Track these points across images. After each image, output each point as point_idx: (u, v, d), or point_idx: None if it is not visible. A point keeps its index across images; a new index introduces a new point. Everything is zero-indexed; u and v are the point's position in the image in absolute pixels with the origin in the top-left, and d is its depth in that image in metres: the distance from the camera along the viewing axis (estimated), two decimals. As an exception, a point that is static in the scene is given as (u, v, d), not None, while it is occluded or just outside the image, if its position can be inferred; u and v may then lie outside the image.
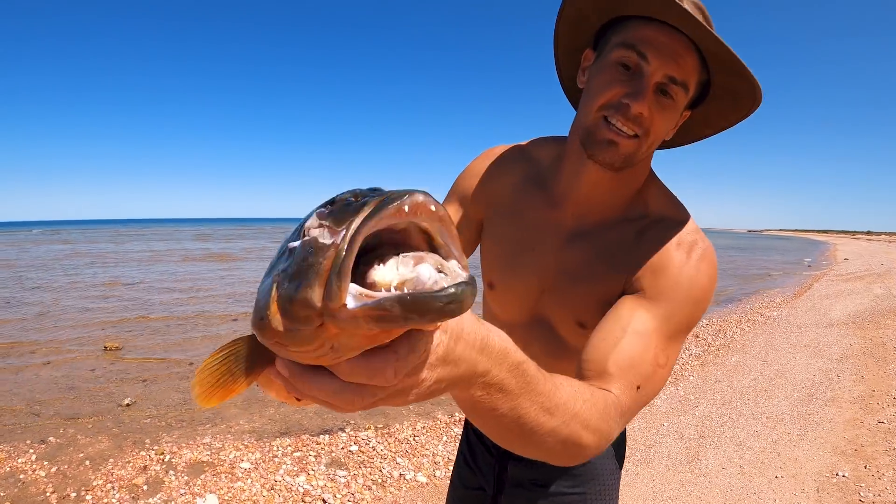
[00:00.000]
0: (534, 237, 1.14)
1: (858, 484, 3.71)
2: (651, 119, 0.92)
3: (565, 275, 1.10)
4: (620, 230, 1.07)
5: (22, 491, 3.58)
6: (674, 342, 0.95)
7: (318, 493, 3.57)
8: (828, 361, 6.97)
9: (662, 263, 0.99)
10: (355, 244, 0.43)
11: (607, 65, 0.93)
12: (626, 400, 0.85)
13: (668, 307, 0.95)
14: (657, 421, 4.96)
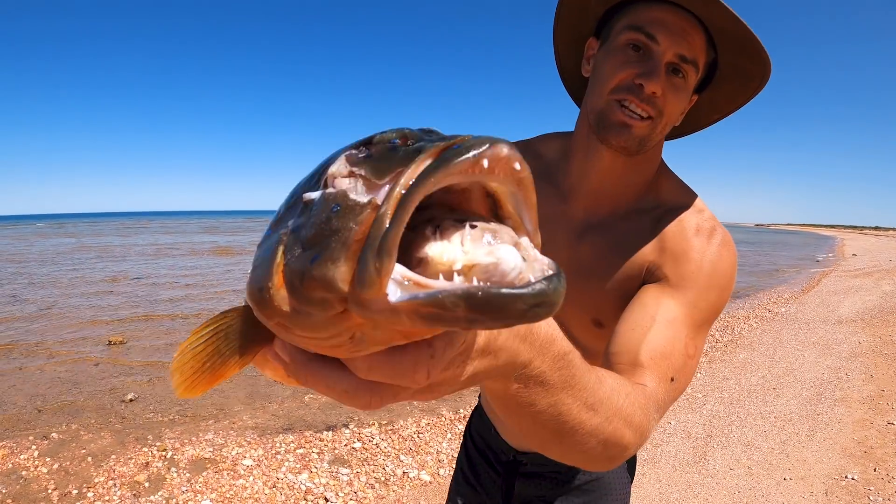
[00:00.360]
0: (547, 234, 1.07)
1: (868, 487, 3.67)
2: (664, 99, 0.90)
3: (579, 271, 1.05)
4: (634, 221, 1.03)
5: (24, 488, 3.57)
6: (702, 330, 0.92)
7: (320, 492, 3.55)
8: (837, 360, 6.91)
9: (683, 250, 0.95)
10: (406, 209, 0.30)
11: (616, 48, 0.91)
12: (661, 393, 0.80)
13: (694, 293, 0.91)
14: (664, 419, 4.89)
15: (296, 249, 0.34)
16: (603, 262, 1.02)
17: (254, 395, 5.45)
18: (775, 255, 29.11)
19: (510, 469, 1.27)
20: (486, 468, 1.33)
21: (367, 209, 0.32)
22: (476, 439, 1.37)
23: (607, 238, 1.03)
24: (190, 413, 4.95)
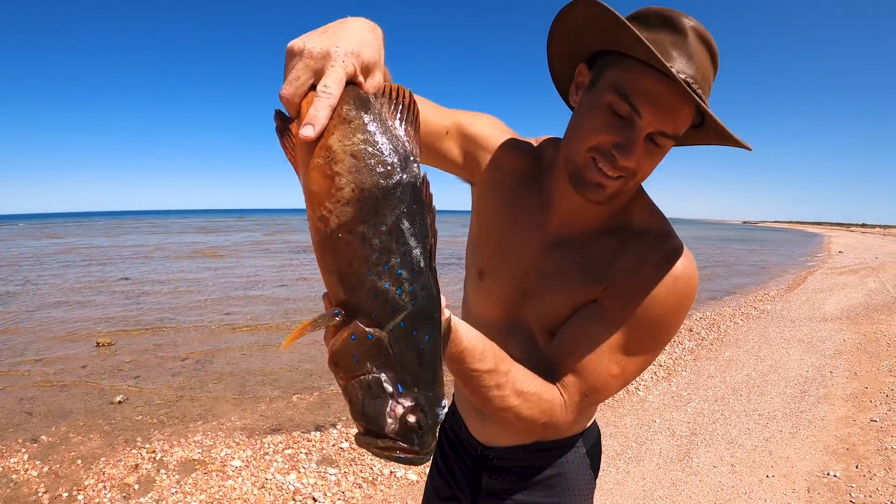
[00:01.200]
0: (522, 236, 1.13)
1: (849, 484, 3.72)
2: (638, 164, 0.91)
3: (543, 281, 1.10)
4: (602, 242, 1.06)
5: (14, 491, 3.59)
6: (634, 357, 0.99)
7: (308, 492, 3.58)
8: (821, 357, 6.99)
9: (637, 281, 0.99)
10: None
11: (599, 106, 0.90)
12: (572, 402, 0.98)
13: (633, 326, 0.97)
14: (649, 417, 4.97)
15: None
16: (565, 278, 1.06)
17: (242, 395, 5.47)
18: (762, 253, 29.33)
19: (478, 463, 1.31)
20: (457, 461, 1.38)
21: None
22: (449, 434, 1.42)
23: (573, 256, 1.07)
24: (178, 414, 4.96)
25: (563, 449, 1.25)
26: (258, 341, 7.87)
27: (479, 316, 1.25)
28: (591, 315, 1.01)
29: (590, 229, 1.08)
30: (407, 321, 0.57)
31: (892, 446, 4.26)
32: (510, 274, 1.15)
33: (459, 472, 1.37)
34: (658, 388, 5.83)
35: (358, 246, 0.56)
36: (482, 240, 1.21)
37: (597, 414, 3.82)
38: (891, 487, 3.65)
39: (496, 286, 1.18)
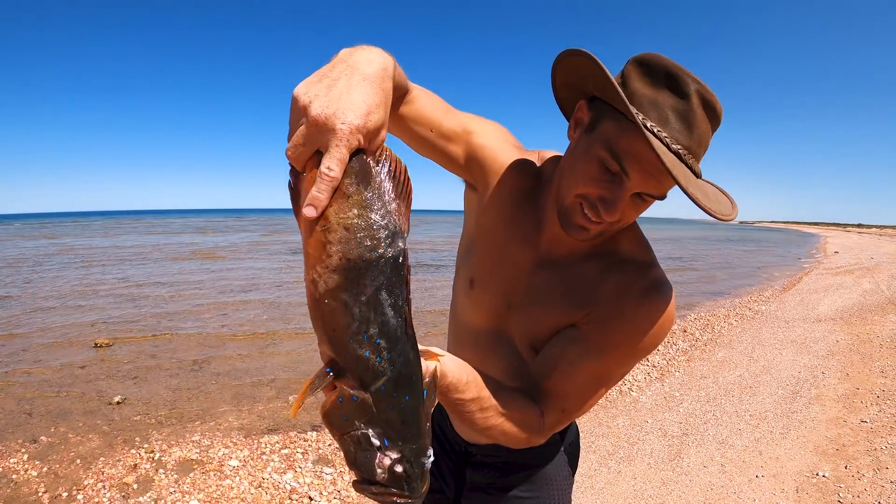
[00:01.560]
0: (515, 252, 1.17)
1: (838, 484, 3.75)
2: (621, 217, 0.95)
3: (530, 298, 1.15)
4: (586, 266, 1.10)
5: (14, 491, 3.63)
6: (609, 379, 1.06)
7: (304, 491, 3.63)
8: (814, 358, 7.01)
9: (616, 309, 1.04)
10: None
11: (592, 157, 0.92)
12: (550, 419, 1.05)
13: (610, 352, 1.03)
14: (641, 417, 5.02)
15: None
16: (550, 298, 1.11)
17: (239, 396, 5.52)
18: (758, 253, 29.34)
19: (462, 458, 1.38)
20: (443, 456, 1.44)
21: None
22: (436, 430, 1.48)
23: (560, 276, 1.11)
24: (176, 415, 5.01)
25: (541, 447, 1.28)
26: (255, 343, 7.91)
27: (466, 322, 1.30)
28: (571, 339, 1.06)
29: (577, 252, 1.12)
30: (387, 385, 0.64)
31: (882, 447, 4.29)
32: (499, 287, 1.19)
33: (445, 466, 1.44)
34: (651, 388, 5.88)
35: (340, 314, 0.63)
36: (479, 249, 1.24)
37: (590, 414, 3.87)
38: (879, 488, 3.68)
39: (486, 297, 1.22)
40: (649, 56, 0.91)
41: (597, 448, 4.37)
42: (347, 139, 0.62)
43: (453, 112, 1.15)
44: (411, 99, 1.04)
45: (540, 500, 1.33)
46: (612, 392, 5.71)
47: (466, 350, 1.30)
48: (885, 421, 4.82)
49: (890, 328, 8.63)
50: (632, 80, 0.90)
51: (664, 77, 0.88)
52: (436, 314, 9.82)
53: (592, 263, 1.10)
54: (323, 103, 0.62)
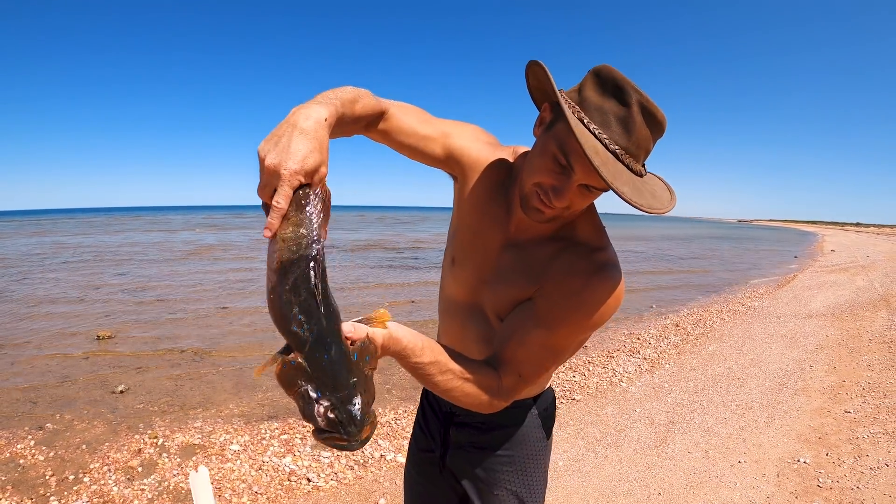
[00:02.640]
0: (488, 235, 1.33)
1: (818, 470, 3.85)
2: (570, 203, 1.10)
3: (498, 276, 1.30)
4: (546, 248, 1.25)
5: (22, 475, 3.73)
6: (559, 348, 1.20)
7: (303, 473, 3.75)
8: (802, 352, 7.12)
9: (564, 286, 1.18)
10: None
11: (548, 151, 1.08)
12: (508, 382, 1.18)
13: (556, 322, 1.17)
14: (630, 407, 5.14)
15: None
16: (514, 276, 1.26)
17: (239, 385, 5.65)
18: (755, 251, 29.45)
19: (447, 418, 1.54)
20: (432, 416, 1.61)
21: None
22: (429, 395, 1.65)
23: (523, 257, 1.26)
24: (178, 403, 5.13)
25: (516, 409, 1.47)
26: (255, 335, 8.04)
27: (449, 295, 1.47)
28: (526, 311, 1.22)
29: (540, 236, 1.27)
30: (310, 348, 0.82)
31: (864, 436, 4.40)
32: (474, 265, 1.35)
33: (434, 426, 1.60)
34: (641, 379, 6.01)
35: (277, 301, 0.84)
36: (459, 232, 1.41)
37: (580, 404, 4.04)
38: (858, 474, 3.79)
39: (463, 273, 1.39)
40: (604, 68, 1.06)
41: (585, 435, 4.49)
42: (289, 180, 0.82)
43: (431, 120, 1.33)
44: (389, 116, 1.23)
45: (514, 457, 1.49)
46: (603, 382, 5.87)
47: (450, 318, 1.48)
48: (869, 411, 4.95)
49: (880, 324, 8.76)
50: (585, 89, 1.05)
51: (612, 88, 1.03)
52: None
53: (551, 245, 1.25)
54: (272, 156, 0.82)
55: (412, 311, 9.90)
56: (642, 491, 3.63)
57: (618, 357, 6.94)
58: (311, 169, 0.84)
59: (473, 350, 1.37)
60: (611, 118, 1.01)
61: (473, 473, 1.52)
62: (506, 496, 1.50)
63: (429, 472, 1.65)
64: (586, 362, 6.63)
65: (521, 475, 1.50)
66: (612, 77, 1.04)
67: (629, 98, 1.01)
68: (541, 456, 1.53)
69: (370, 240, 29.20)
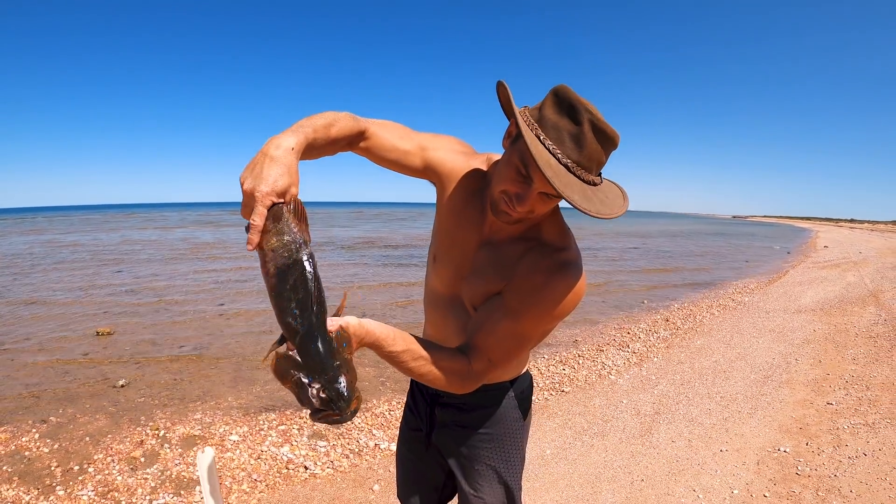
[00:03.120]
0: (464, 234, 1.48)
1: (797, 459, 3.97)
2: (532, 208, 1.24)
3: (473, 270, 1.45)
4: (515, 247, 1.39)
5: (28, 466, 3.82)
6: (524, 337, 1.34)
7: (300, 461, 3.87)
8: (789, 346, 7.23)
9: (528, 281, 1.33)
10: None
11: (512, 163, 1.22)
12: (478, 367, 1.32)
13: (521, 313, 1.31)
14: (617, 398, 5.27)
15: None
16: (487, 270, 1.41)
17: (237, 379, 5.78)
18: (748, 247, 29.54)
19: (433, 399, 1.71)
20: (420, 398, 1.78)
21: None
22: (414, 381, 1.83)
23: (495, 255, 1.41)
24: (178, 396, 5.25)
25: (494, 392, 1.63)
26: (251, 330, 8.17)
27: (433, 288, 1.62)
28: (495, 303, 1.36)
29: (511, 236, 1.41)
30: (301, 340, 0.97)
31: (844, 427, 4.52)
32: (453, 261, 1.50)
33: (421, 405, 1.77)
34: (629, 372, 6.14)
35: (276, 301, 0.98)
36: (440, 233, 1.56)
37: (569, 395, 4.20)
38: (836, 462, 3.91)
39: (444, 269, 1.54)
40: (561, 89, 1.19)
41: (573, 425, 4.62)
42: (262, 200, 0.97)
43: (410, 135, 1.48)
44: (369, 135, 1.38)
45: (493, 435, 1.65)
46: (592, 375, 6.02)
47: (434, 309, 1.64)
48: (850, 403, 5.07)
49: (868, 319, 8.87)
50: (545, 108, 1.19)
51: (567, 107, 1.16)
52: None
53: (519, 244, 1.39)
54: (248, 182, 0.98)
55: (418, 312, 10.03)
56: (626, 477, 3.76)
57: (607, 351, 7.08)
58: (281, 190, 0.99)
59: (454, 337, 1.53)
60: (564, 135, 1.14)
61: (456, 449, 1.69)
62: (485, 470, 1.66)
63: (418, 449, 1.82)
64: (576, 356, 6.77)
65: (499, 451, 1.67)
66: (567, 98, 1.17)
67: (581, 117, 1.14)
68: (518, 434, 1.69)
69: (368, 237, 29.22)
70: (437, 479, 1.83)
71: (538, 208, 1.26)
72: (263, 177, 0.98)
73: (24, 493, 3.46)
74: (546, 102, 1.20)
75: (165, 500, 3.40)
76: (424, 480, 1.85)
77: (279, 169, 0.99)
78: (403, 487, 1.92)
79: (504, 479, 1.67)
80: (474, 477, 1.67)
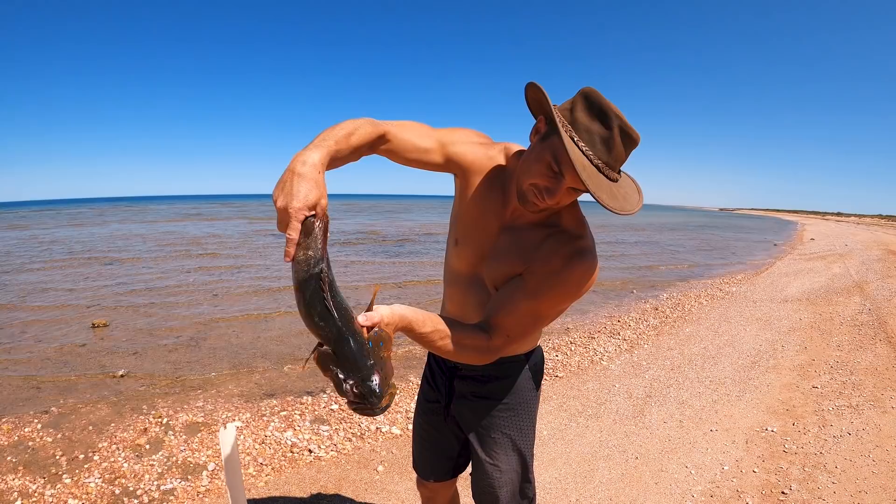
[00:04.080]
0: (486, 220, 1.58)
1: (784, 438, 4.11)
2: (559, 202, 1.36)
3: (495, 254, 1.55)
4: (535, 233, 1.50)
5: (32, 456, 3.85)
6: (542, 315, 1.45)
7: (304, 445, 3.96)
8: (776, 333, 7.39)
9: (547, 264, 1.43)
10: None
11: (544, 159, 1.31)
12: (497, 342, 1.42)
13: (540, 294, 1.42)
14: (610, 382, 5.40)
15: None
16: (509, 254, 1.51)
17: (237, 367, 5.87)
18: (736, 239, 29.74)
19: (451, 372, 1.82)
20: (438, 371, 1.89)
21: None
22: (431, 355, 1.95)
23: (516, 239, 1.52)
24: (178, 385, 5.32)
25: (510, 364, 1.75)
26: (248, 319, 8.25)
27: (453, 268, 1.72)
28: (515, 284, 1.46)
29: (531, 222, 1.52)
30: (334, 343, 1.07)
31: (829, 408, 4.67)
32: (475, 244, 1.60)
33: (440, 379, 1.88)
34: (620, 358, 6.28)
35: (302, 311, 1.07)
36: (461, 218, 1.66)
37: (563, 380, 4.34)
38: (822, 441, 4.05)
39: (466, 251, 1.64)
40: (591, 92, 1.29)
41: (568, 408, 4.75)
42: (296, 215, 1.04)
43: (429, 133, 1.56)
44: (390, 138, 1.44)
45: (509, 404, 1.77)
46: (584, 361, 6.15)
47: (454, 287, 1.74)
48: (835, 387, 5.21)
49: (853, 308, 9.02)
50: (576, 110, 1.28)
51: (598, 111, 1.26)
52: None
53: (539, 231, 1.50)
54: (281, 200, 1.05)
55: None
56: (621, 456, 3.89)
57: (599, 338, 7.20)
58: (312, 204, 1.07)
59: (473, 312, 1.64)
60: (596, 138, 1.25)
61: (474, 419, 1.80)
62: (501, 438, 1.78)
63: (435, 420, 1.94)
64: (569, 343, 6.89)
65: (515, 420, 1.79)
66: (598, 102, 1.27)
67: (611, 122, 1.25)
68: (531, 404, 1.82)
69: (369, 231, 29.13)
70: (453, 450, 1.95)
71: (564, 200, 1.38)
72: (294, 193, 1.04)
73: (30, 483, 3.49)
74: (576, 105, 1.29)
75: (174, 485, 3.46)
76: (440, 450, 1.97)
77: (308, 184, 1.06)
78: (420, 456, 2.03)
79: (518, 446, 1.79)
80: (490, 445, 1.79)
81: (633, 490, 3.44)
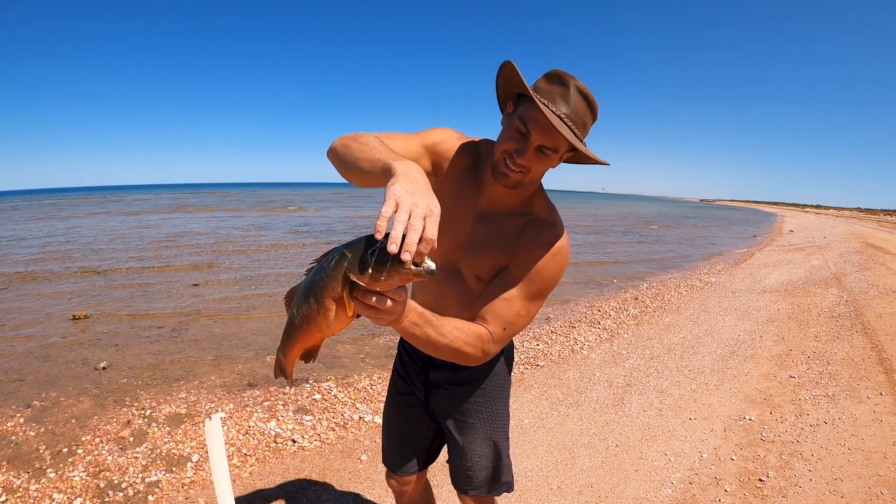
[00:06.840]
0: (461, 210, 1.62)
1: (762, 426, 4.20)
2: (530, 165, 1.39)
3: (473, 244, 1.59)
4: (512, 222, 1.55)
5: (16, 450, 3.83)
6: (532, 302, 1.50)
7: (288, 435, 3.98)
8: (754, 324, 7.51)
9: (532, 254, 1.49)
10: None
11: (511, 125, 1.39)
12: (495, 334, 1.45)
13: (529, 282, 1.48)
14: (590, 371, 5.48)
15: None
16: (488, 243, 1.56)
17: (219, 358, 5.87)
18: (716, 230, 30.05)
19: (426, 362, 1.86)
20: (410, 363, 1.93)
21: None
22: (406, 345, 1.97)
23: (494, 227, 1.57)
24: (161, 376, 5.31)
25: None
26: (229, 310, 8.24)
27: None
28: (505, 276, 1.51)
29: (506, 210, 1.57)
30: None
31: (806, 398, 4.76)
32: (452, 234, 1.63)
33: (413, 370, 1.92)
34: (601, 347, 6.36)
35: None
36: None
37: (544, 369, 4.40)
38: (798, 430, 4.14)
39: (443, 241, 1.67)
40: (554, 69, 1.41)
41: (549, 396, 4.81)
42: (436, 217, 0.99)
43: (411, 139, 1.61)
44: None
45: (485, 389, 1.83)
46: (565, 350, 6.23)
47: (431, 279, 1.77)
48: (812, 377, 5.31)
49: (830, 300, 9.16)
50: (539, 81, 1.39)
51: (557, 78, 1.37)
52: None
53: (515, 220, 1.56)
54: (417, 198, 1.02)
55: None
56: (601, 443, 3.95)
57: (579, 327, 7.30)
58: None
59: (451, 303, 1.67)
60: (556, 95, 1.35)
61: (449, 406, 1.85)
62: (478, 422, 1.83)
63: (406, 412, 1.99)
64: (549, 332, 6.98)
65: (490, 404, 1.84)
66: (558, 73, 1.38)
67: (568, 82, 1.35)
68: (505, 388, 1.88)
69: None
70: (424, 441, 2.01)
71: (535, 167, 1.41)
72: (429, 194, 1.00)
73: (14, 478, 3.47)
74: (540, 79, 1.40)
75: (158, 477, 3.47)
76: (411, 441, 2.01)
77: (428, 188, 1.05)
78: (390, 448, 2.07)
79: (495, 429, 1.85)
80: (467, 430, 1.84)
81: (614, 477, 3.51)
